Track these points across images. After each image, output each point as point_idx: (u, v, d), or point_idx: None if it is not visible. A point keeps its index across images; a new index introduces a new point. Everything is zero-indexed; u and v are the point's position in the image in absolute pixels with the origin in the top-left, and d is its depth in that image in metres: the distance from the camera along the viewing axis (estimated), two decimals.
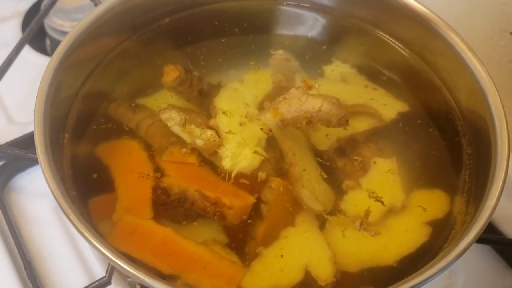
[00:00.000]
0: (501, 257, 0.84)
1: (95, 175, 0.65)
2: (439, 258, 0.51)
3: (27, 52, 1.06)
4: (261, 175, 0.65)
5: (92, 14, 0.68)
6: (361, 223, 0.61)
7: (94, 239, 0.49)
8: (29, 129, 0.93)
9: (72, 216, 0.50)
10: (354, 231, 0.62)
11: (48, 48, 1.15)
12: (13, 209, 0.86)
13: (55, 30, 1.11)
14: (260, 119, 0.65)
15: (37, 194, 0.89)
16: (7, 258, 0.79)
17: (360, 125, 0.71)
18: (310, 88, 0.66)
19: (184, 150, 0.66)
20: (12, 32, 1.11)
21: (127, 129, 0.69)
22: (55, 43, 1.12)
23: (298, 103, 0.62)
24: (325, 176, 0.67)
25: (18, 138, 0.91)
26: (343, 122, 0.64)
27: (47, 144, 0.56)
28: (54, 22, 1.10)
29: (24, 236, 0.83)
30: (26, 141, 0.91)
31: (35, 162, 0.86)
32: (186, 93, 0.73)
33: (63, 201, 0.52)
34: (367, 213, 0.62)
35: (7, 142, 0.90)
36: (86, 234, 0.49)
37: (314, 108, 0.62)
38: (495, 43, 0.88)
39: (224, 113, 0.69)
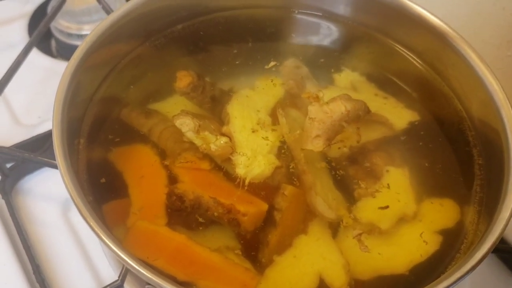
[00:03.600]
0: (506, 265, 0.85)
1: (108, 181, 0.65)
2: (454, 270, 0.52)
3: (33, 53, 1.05)
4: (274, 182, 0.66)
5: (107, 20, 0.68)
6: (359, 235, 0.61)
7: (117, 247, 0.49)
8: (36, 131, 0.93)
9: (92, 222, 0.51)
10: (367, 239, 0.62)
11: (54, 50, 1.15)
12: (21, 211, 0.86)
13: (61, 32, 1.11)
14: (310, 149, 0.65)
15: (45, 196, 0.88)
16: (15, 262, 0.78)
17: (371, 134, 0.71)
18: (318, 99, 0.67)
19: (197, 156, 0.67)
20: (18, 34, 1.11)
21: (140, 134, 0.69)
22: (61, 45, 1.12)
23: (327, 116, 0.63)
24: (337, 184, 0.67)
25: (25, 140, 0.91)
26: (368, 110, 0.67)
27: (64, 148, 0.57)
28: (60, 24, 1.10)
29: (32, 239, 0.83)
30: (34, 143, 0.91)
31: (43, 165, 0.86)
32: (199, 99, 0.73)
33: (82, 205, 0.52)
34: (359, 237, 0.62)
35: (15, 144, 0.90)
36: (108, 242, 0.50)
37: (342, 112, 0.63)
38: (502, 53, 0.89)
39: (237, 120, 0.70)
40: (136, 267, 0.49)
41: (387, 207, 0.64)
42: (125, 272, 0.65)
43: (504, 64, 0.91)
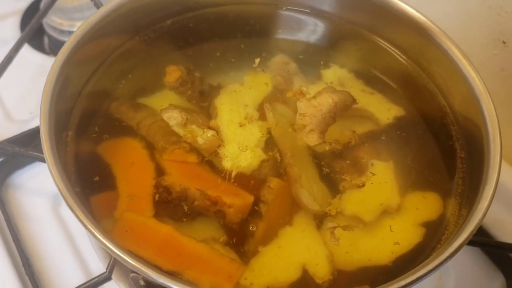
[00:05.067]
0: (490, 259, 0.86)
1: (96, 173, 0.66)
2: (432, 258, 0.53)
3: (25, 49, 1.06)
4: (260, 175, 0.67)
5: (97, 14, 0.69)
6: (333, 228, 0.62)
7: (102, 236, 0.50)
8: (27, 126, 0.94)
9: (79, 213, 0.51)
10: (349, 232, 0.63)
11: (46, 46, 1.16)
12: (12, 206, 0.86)
13: (53, 28, 1.11)
14: (305, 142, 0.66)
15: (36, 191, 0.89)
16: (5, 255, 0.79)
17: (357, 128, 0.72)
18: (304, 94, 0.68)
19: (184, 149, 0.68)
20: (10, 30, 1.12)
21: (128, 127, 0.70)
22: (53, 42, 1.12)
23: (316, 109, 0.65)
24: (322, 177, 0.68)
25: (16, 135, 0.92)
26: (354, 99, 0.68)
27: (52, 141, 0.57)
28: (52, 20, 1.11)
29: (22, 233, 0.83)
30: (25, 138, 0.91)
31: (34, 159, 0.87)
32: (188, 94, 0.74)
33: (68, 196, 0.53)
34: (332, 230, 0.63)
35: (6, 139, 0.90)
36: (93, 231, 0.50)
37: (330, 104, 0.65)
38: (489, 51, 0.90)
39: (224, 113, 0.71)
40: (121, 255, 0.50)
41: (363, 185, 0.66)
42: (113, 264, 0.65)
43: (491, 62, 0.93)
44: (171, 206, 0.64)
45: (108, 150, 0.68)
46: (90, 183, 0.64)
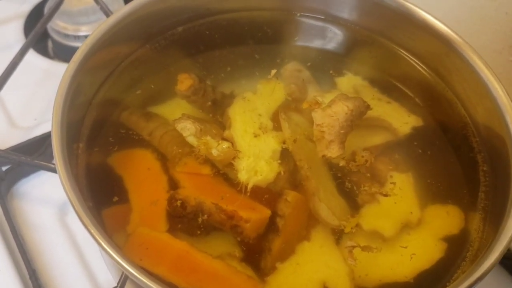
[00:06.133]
0: (506, 270, 0.85)
1: (108, 187, 0.64)
2: (461, 280, 0.51)
3: (29, 54, 1.03)
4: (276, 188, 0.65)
5: (108, 22, 0.67)
6: (352, 247, 0.60)
7: (116, 253, 0.48)
8: (32, 133, 0.92)
9: (93, 229, 0.49)
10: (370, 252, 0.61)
11: (50, 50, 1.14)
12: (17, 215, 0.84)
13: (58, 32, 1.09)
14: (329, 156, 0.64)
15: (41, 200, 0.87)
16: (11, 267, 0.77)
17: (375, 139, 0.71)
18: (320, 104, 0.66)
19: (198, 160, 0.66)
20: (14, 35, 1.10)
21: (140, 138, 0.68)
22: (58, 46, 1.10)
23: (333, 119, 0.63)
24: (340, 190, 0.66)
25: (21, 143, 0.90)
26: (367, 105, 0.67)
27: (64, 153, 0.55)
28: (57, 24, 1.09)
29: (28, 243, 0.81)
30: (30, 146, 0.89)
31: (39, 168, 0.85)
32: (199, 102, 0.72)
33: (82, 212, 0.51)
34: (351, 249, 0.60)
35: (11, 147, 0.88)
36: (109, 250, 0.49)
37: (346, 113, 0.63)
38: (504, 58, 0.89)
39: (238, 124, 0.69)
40: (138, 275, 0.48)
41: (386, 194, 0.64)
42: (124, 279, 0.64)
43: (506, 69, 0.91)
44: (185, 220, 0.62)
45: (120, 162, 0.66)
46: (102, 197, 0.63)
